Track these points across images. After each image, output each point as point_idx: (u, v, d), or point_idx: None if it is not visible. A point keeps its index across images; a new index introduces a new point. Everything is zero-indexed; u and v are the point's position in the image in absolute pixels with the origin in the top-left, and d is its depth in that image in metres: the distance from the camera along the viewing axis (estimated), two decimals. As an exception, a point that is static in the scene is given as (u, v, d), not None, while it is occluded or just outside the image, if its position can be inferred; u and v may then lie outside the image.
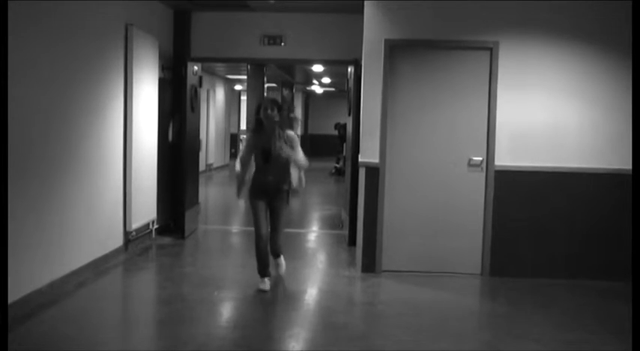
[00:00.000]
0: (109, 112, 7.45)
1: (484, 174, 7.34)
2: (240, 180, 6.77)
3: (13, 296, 5.43)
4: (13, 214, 5.39)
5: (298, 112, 31.79)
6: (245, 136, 7.15)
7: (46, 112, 6.05)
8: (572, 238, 7.34)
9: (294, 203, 13.20)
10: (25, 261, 5.69)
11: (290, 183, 6.75)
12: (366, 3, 7.35)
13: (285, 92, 21.61)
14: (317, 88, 27.17)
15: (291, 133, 6.63)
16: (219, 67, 19.28)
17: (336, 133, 21.79)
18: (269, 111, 6.50)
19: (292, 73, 20.22)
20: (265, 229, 6.64)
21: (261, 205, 6.64)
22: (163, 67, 9.17)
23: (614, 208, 7.17)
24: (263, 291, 6.56)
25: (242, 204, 12.56)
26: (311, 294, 6.67)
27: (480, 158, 7.34)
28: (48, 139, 6.11)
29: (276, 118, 6.51)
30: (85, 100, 6.88)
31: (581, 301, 6.57)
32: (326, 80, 22.54)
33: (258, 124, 6.64)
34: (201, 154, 15.69)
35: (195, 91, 9.63)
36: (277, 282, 6.95)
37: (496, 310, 6.36)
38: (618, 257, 7.14)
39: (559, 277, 7.30)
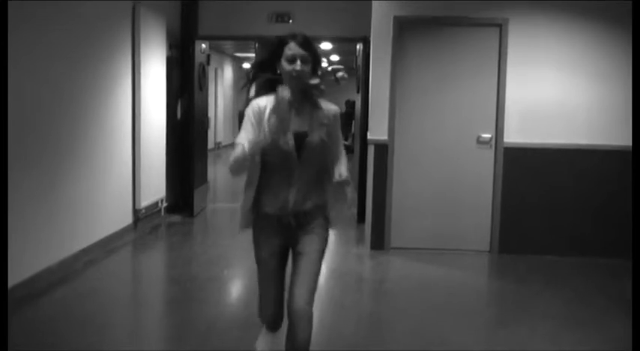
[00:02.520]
0: (117, 91, 7.44)
1: (493, 151, 7.31)
2: (246, 198, 3.50)
3: (23, 274, 5.47)
4: (22, 193, 5.41)
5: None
6: (249, 110, 3.39)
7: (53, 91, 6.05)
8: (581, 215, 7.32)
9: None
10: (34, 239, 5.72)
11: (328, 205, 3.58)
12: (374, -21, 7.30)
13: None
14: (325, 66, 27.10)
15: (333, 108, 3.47)
16: (227, 45, 19.21)
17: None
18: (298, 62, 3.29)
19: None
20: (278, 304, 3.57)
21: (275, 253, 3.53)
22: (171, 46, 9.14)
23: (624, 185, 7.13)
24: None
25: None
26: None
27: (489, 135, 7.31)
28: (56, 119, 6.11)
29: (312, 79, 3.34)
30: (93, 79, 6.87)
31: (589, 279, 6.56)
32: (334, 58, 22.44)
33: (271, 85, 3.39)
34: (210, 133, 15.68)
35: (203, 69, 9.61)
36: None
37: (504, 286, 6.37)
38: (628, 234, 7.12)
39: (568, 254, 7.29)
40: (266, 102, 3.35)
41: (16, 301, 5.18)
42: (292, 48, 3.30)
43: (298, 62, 3.27)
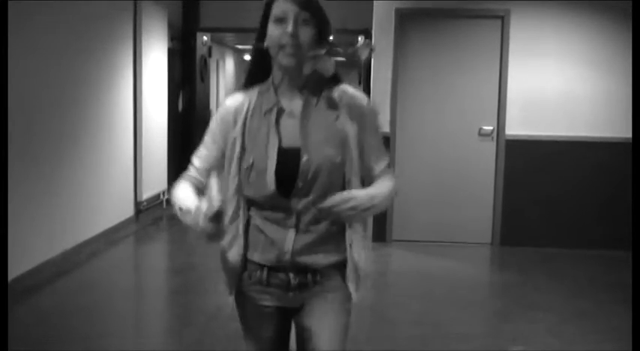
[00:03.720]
0: (118, 83, 7.44)
1: (495, 143, 7.30)
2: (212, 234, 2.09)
3: (25, 266, 5.48)
4: (24, 185, 5.42)
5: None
6: (216, 115, 2.33)
7: (54, 84, 6.04)
8: (583, 207, 7.31)
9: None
10: (36, 231, 5.72)
11: (352, 253, 2.23)
12: (376, -29, 7.28)
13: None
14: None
15: (358, 100, 2.28)
16: (229, 37, 19.16)
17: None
18: (291, 23, 2.08)
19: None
20: None
21: (268, 320, 2.32)
22: (172, 38, 9.13)
23: (627, 177, 7.12)
24: None
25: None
26: (321, 264, 6.69)
27: (491, 127, 7.30)
28: (57, 111, 6.11)
29: (318, 51, 2.12)
30: (95, 71, 6.86)
31: (592, 271, 6.56)
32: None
33: (253, 71, 2.30)
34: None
35: (205, 61, 9.62)
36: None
37: (506, 279, 6.37)
38: (629, 226, 7.11)
39: (570, 246, 7.28)
40: (241, 101, 2.24)
41: (19, 293, 5.18)
42: (282, 4, 2.13)
43: (291, 23, 2.07)
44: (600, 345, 4.69)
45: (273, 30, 2.11)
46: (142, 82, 7.88)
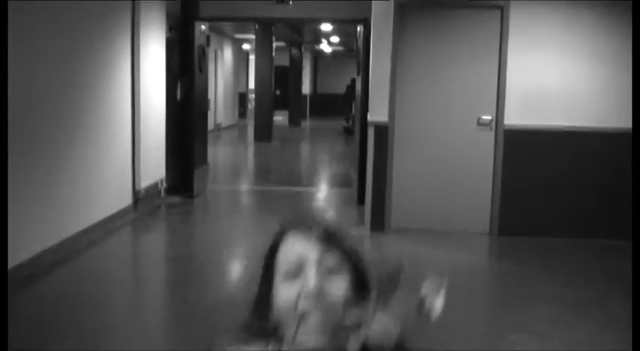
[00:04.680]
0: (116, 73, 7.42)
1: (493, 133, 7.31)
2: None
3: (24, 255, 5.48)
4: (23, 174, 5.41)
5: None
6: None
7: (53, 73, 6.03)
8: (581, 197, 7.32)
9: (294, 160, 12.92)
10: (35, 220, 5.72)
11: None
12: (375, -40, 7.26)
13: (294, 52, 21.46)
14: (326, 47, 27.00)
15: None
16: (227, 27, 19.14)
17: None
18: (312, 271, 1.33)
19: (301, 33, 20.11)
20: None
21: None
22: (170, 28, 9.10)
23: (625, 167, 7.13)
24: None
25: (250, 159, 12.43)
26: (320, 253, 6.70)
27: (490, 117, 7.30)
28: (55, 100, 6.10)
29: (364, 313, 1.38)
30: (92, 61, 6.85)
31: (590, 260, 6.58)
32: (335, 39, 22.38)
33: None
34: (210, 114, 15.66)
35: (203, 51, 9.58)
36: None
37: (504, 268, 6.39)
38: (627, 216, 7.13)
39: (568, 236, 7.30)
40: None
41: (17, 282, 5.19)
42: (296, 245, 1.39)
43: (312, 275, 1.34)
44: (598, 334, 4.71)
45: (285, 292, 1.36)
46: (140, 72, 7.86)
